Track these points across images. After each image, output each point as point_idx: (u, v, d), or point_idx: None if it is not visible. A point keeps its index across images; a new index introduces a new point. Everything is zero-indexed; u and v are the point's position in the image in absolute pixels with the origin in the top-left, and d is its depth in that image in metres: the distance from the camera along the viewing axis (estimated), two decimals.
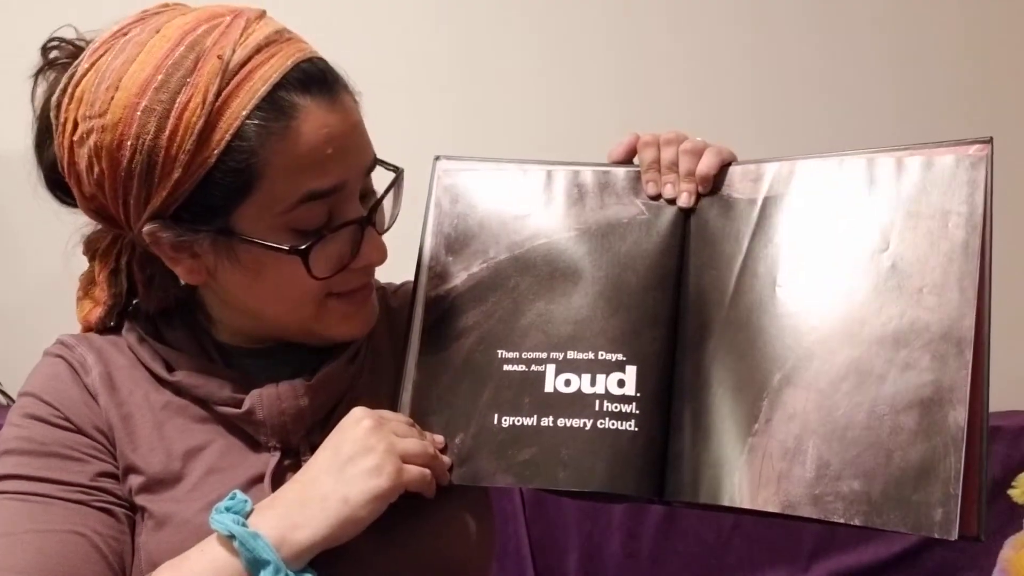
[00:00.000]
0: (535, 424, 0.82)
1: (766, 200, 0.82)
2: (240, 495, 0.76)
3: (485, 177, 0.91)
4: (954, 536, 0.67)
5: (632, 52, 1.92)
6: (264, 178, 0.74)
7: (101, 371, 0.84)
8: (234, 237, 0.77)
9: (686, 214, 0.86)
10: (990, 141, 0.75)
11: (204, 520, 0.75)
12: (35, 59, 0.83)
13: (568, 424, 0.81)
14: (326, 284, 0.80)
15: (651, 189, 0.87)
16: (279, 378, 0.84)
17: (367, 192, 0.83)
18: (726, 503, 0.76)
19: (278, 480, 0.81)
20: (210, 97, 0.72)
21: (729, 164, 0.86)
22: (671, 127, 0.89)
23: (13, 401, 1.68)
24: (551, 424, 0.81)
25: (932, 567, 1.75)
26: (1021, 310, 1.62)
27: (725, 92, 1.93)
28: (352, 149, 0.79)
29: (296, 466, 0.82)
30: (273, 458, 0.82)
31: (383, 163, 0.84)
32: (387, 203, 0.85)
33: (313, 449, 0.80)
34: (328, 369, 0.85)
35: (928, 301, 0.73)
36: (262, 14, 0.79)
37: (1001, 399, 1.68)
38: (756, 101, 1.93)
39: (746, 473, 0.75)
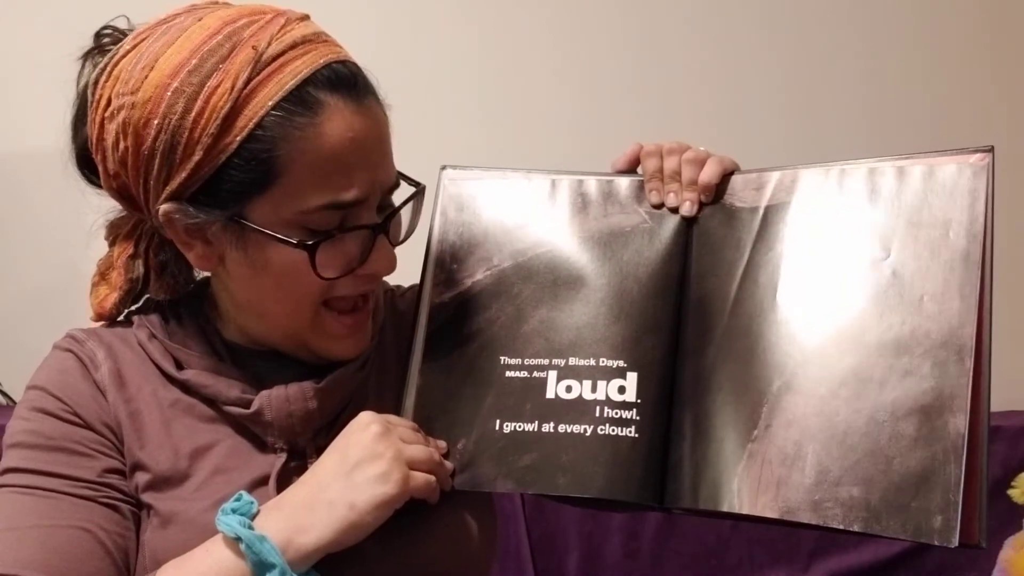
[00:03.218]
0: (536, 430, 0.82)
1: (768, 209, 0.83)
2: (246, 496, 0.76)
3: (490, 186, 0.92)
4: (954, 544, 0.68)
5: (647, 60, 1.91)
6: (285, 175, 0.75)
7: (110, 367, 0.84)
8: (246, 226, 0.77)
9: (688, 223, 0.86)
10: (991, 150, 0.76)
11: (209, 519, 0.76)
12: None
13: (569, 430, 0.81)
14: (327, 287, 0.80)
15: (654, 198, 0.87)
16: (287, 379, 0.84)
17: (385, 204, 0.83)
18: (725, 509, 0.76)
19: (283, 482, 0.81)
20: (239, 84, 0.73)
21: (731, 173, 0.86)
22: (686, 134, 0.90)
23: (14, 402, 1.69)
24: (552, 430, 0.82)
25: (932, 567, 1.76)
26: (1021, 312, 1.62)
27: (742, 99, 1.92)
28: (377, 163, 0.79)
29: (302, 468, 0.82)
30: (279, 459, 0.83)
31: (405, 178, 0.84)
32: (404, 216, 0.85)
33: (319, 452, 0.81)
34: (338, 373, 0.85)
35: (929, 309, 0.74)
36: (305, 17, 0.80)
37: (1001, 399, 1.68)
38: (772, 108, 1.93)
39: (745, 479, 0.76)
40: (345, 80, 0.77)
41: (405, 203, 0.84)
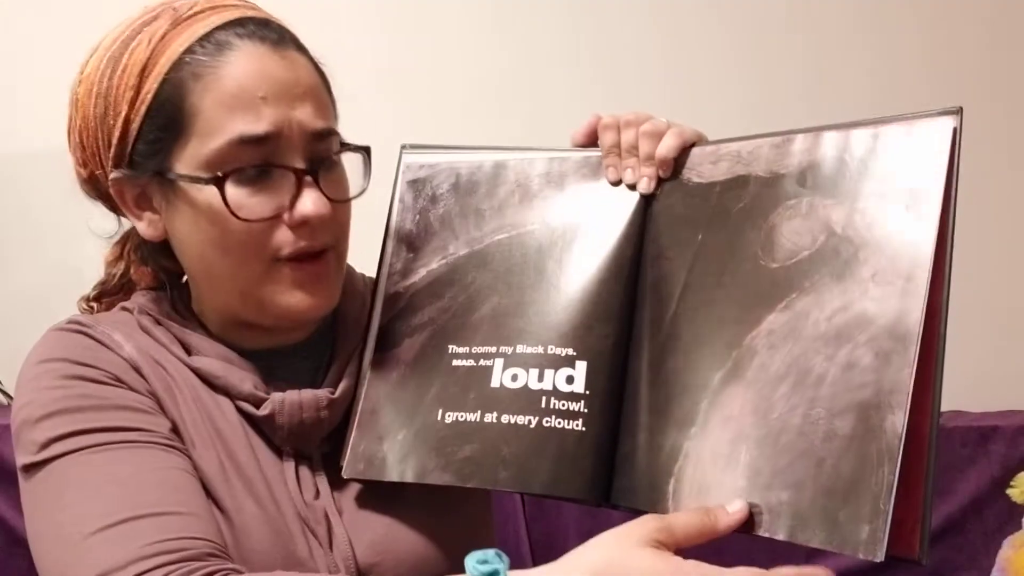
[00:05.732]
0: (478, 420, 0.78)
1: (722, 184, 0.76)
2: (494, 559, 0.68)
3: (447, 170, 0.88)
4: (880, 558, 0.59)
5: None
6: (198, 116, 0.76)
7: (135, 345, 0.80)
8: (172, 179, 0.77)
9: (647, 200, 0.80)
10: (959, 112, 0.64)
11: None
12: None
13: (512, 421, 0.77)
14: (267, 240, 0.78)
15: (611, 175, 0.82)
16: (287, 375, 0.84)
17: (320, 155, 0.80)
18: (660, 511, 0.70)
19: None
20: (155, 38, 0.77)
21: (693, 146, 0.80)
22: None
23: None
24: (494, 420, 0.78)
25: (932, 566, 1.73)
26: (1022, 307, 1.60)
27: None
28: (294, 101, 0.77)
29: (309, 469, 0.82)
30: (289, 465, 0.82)
31: (348, 146, 0.82)
32: (355, 177, 0.83)
33: (324, 457, 0.83)
34: (348, 382, 0.85)
35: (875, 292, 0.65)
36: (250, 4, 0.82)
37: (1001, 399, 1.66)
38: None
39: (681, 480, 0.70)
40: (261, 28, 0.78)
41: (340, 152, 0.82)
